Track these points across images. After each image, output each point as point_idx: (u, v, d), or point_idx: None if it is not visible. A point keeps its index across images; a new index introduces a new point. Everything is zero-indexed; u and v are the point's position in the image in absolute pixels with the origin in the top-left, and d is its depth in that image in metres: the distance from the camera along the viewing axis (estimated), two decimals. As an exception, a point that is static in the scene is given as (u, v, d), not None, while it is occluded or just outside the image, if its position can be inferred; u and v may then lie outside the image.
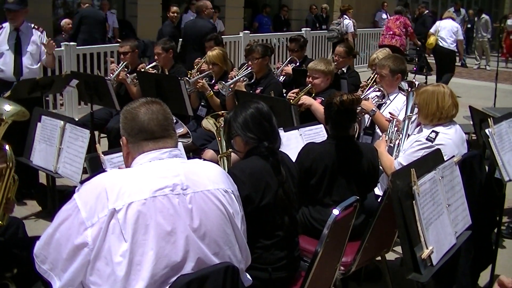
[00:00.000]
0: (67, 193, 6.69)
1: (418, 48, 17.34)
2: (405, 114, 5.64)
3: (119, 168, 3.76)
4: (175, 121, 3.10)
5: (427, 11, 20.85)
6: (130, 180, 2.65)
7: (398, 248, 5.11)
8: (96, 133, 8.10)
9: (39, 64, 7.35)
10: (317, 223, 4.57)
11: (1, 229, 4.32)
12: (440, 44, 15.04)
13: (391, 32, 15.29)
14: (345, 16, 16.56)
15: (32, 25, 7.49)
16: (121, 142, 2.98)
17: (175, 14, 12.96)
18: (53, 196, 5.61)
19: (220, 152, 4.69)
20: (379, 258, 4.91)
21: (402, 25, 15.30)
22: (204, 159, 6.31)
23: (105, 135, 7.89)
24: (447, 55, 15.10)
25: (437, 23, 15.71)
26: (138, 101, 2.96)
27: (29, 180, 6.64)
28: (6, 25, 7.45)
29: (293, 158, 4.41)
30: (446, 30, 15.05)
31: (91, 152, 4.89)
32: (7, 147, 4.12)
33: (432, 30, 15.54)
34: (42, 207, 6.90)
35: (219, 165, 3.82)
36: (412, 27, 15.92)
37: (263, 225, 3.77)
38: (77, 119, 6.66)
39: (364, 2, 21.92)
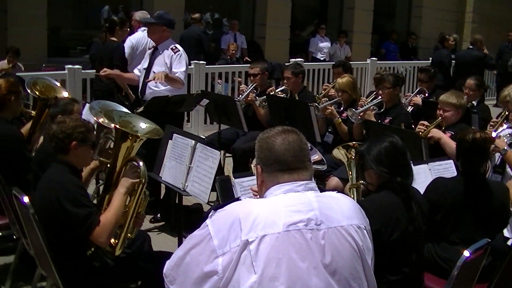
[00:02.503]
0: (191, 209, 6.85)
1: None
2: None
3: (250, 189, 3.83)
4: (310, 148, 3.08)
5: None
6: (264, 212, 2.64)
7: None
8: (222, 152, 8.23)
9: (168, 86, 7.26)
10: (443, 261, 4.47)
11: (129, 242, 4.43)
12: None
13: None
14: None
15: (172, 45, 7.43)
16: (254, 170, 2.99)
17: (452, 42, 14.15)
18: (179, 212, 5.71)
19: (350, 183, 4.65)
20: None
21: None
22: (324, 187, 6.30)
23: (231, 155, 7.99)
24: None
25: None
26: (274, 129, 2.95)
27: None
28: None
29: (421, 192, 4.35)
30: None
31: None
32: (141, 163, 4.23)
33: None
34: (165, 221, 7.06)
35: (346, 194, 3.79)
36: None
37: (390, 260, 3.73)
38: (203, 137, 6.77)
39: (494, 32, 21.32)
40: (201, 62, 11.83)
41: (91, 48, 12.29)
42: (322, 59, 16.72)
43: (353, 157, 4.66)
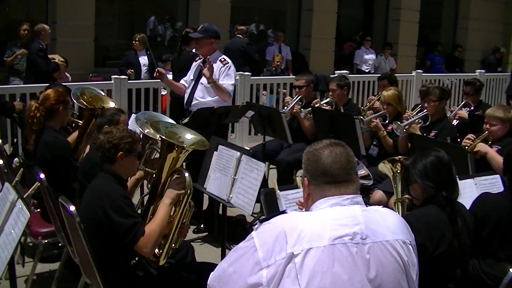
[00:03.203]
0: (234, 220, 6.85)
1: None
2: None
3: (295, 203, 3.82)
4: (356, 162, 3.07)
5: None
6: (310, 225, 2.65)
7: None
8: (266, 163, 8.23)
9: (215, 97, 7.35)
10: (488, 277, 4.40)
11: (173, 252, 4.45)
12: None
13: None
14: None
15: (221, 58, 7.51)
16: (298, 182, 2.99)
17: None
18: (222, 224, 5.72)
19: (395, 198, 4.62)
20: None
21: None
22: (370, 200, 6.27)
23: (275, 167, 7.98)
24: None
25: None
26: (321, 142, 2.97)
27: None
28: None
29: (467, 207, 4.30)
30: None
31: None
32: (186, 174, 4.25)
33: None
34: (208, 232, 7.09)
35: (391, 209, 3.77)
36: None
37: (434, 275, 3.70)
38: (247, 148, 6.78)
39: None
40: (246, 73, 11.86)
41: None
42: (367, 71, 16.64)
43: (398, 171, 4.64)
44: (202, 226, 7.17)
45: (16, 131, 8.92)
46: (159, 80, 8.03)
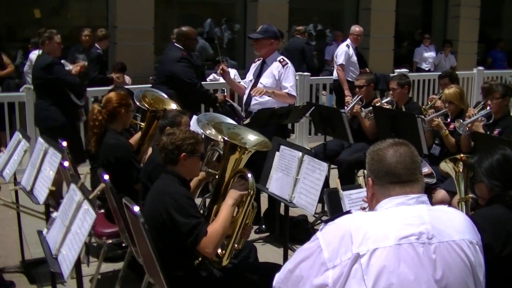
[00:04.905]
0: (296, 220, 6.84)
1: None
2: None
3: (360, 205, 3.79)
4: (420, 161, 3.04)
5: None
6: (375, 225, 2.63)
7: None
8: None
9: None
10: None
11: (236, 252, 4.46)
12: None
13: None
14: None
15: (280, 58, 7.47)
16: (361, 181, 2.97)
17: None
18: (285, 224, 5.71)
19: (459, 197, 4.55)
20: None
21: None
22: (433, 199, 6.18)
23: (335, 166, 7.94)
24: None
25: None
26: (385, 142, 2.94)
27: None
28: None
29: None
30: None
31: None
32: (249, 175, 4.26)
33: None
34: (270, 232, 7.09)
35: (456, 208, 3.72)
36: None
37: (500, 277, 3.60)
38: (310, 149, 6.76)
39: None
40: (306, 73, 11.85)
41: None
42: (427, 69, 16.44)
43: (461, 171, 4.56)
44: (264, 226, 7.21)
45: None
46: (218, 82, 8.07)
